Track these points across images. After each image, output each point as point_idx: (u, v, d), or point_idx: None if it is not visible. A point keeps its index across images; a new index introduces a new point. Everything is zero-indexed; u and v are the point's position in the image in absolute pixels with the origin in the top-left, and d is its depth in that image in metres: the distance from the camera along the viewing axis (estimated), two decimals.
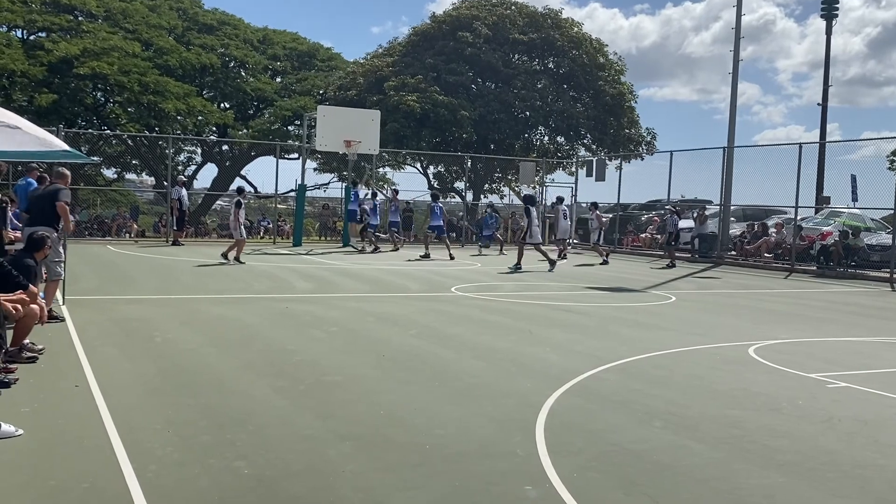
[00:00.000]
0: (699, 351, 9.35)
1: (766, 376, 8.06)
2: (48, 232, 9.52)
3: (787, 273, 21.94)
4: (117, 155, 39.58)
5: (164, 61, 33.98)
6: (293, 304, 12.05)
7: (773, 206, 26.19)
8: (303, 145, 28.41)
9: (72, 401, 6.21)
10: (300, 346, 8.81)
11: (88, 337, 8.71)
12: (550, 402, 6.63)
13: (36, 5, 32.00)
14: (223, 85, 37.65)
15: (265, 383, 7.01)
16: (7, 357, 7.20)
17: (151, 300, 12.17)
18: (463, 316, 11.54)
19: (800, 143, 22.74)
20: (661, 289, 16.59)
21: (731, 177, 24.63)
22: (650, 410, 6.52)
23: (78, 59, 30.36)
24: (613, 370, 8.04)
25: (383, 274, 17.52)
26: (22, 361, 7.24)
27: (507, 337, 9.82)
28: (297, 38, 41.97)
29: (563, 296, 14.61)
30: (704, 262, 24.36)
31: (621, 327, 10.98)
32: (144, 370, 7.35)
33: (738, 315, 12.88)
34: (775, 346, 9.84)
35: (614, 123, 36.38)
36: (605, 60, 37.29)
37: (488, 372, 7.81)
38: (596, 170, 30.29)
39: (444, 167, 38.37)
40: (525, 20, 36.60)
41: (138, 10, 35.69)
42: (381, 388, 7.02)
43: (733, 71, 24.92)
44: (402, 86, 33.61)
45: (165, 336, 9.05)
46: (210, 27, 38.48)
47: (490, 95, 35.39)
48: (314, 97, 37.66)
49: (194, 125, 35.87)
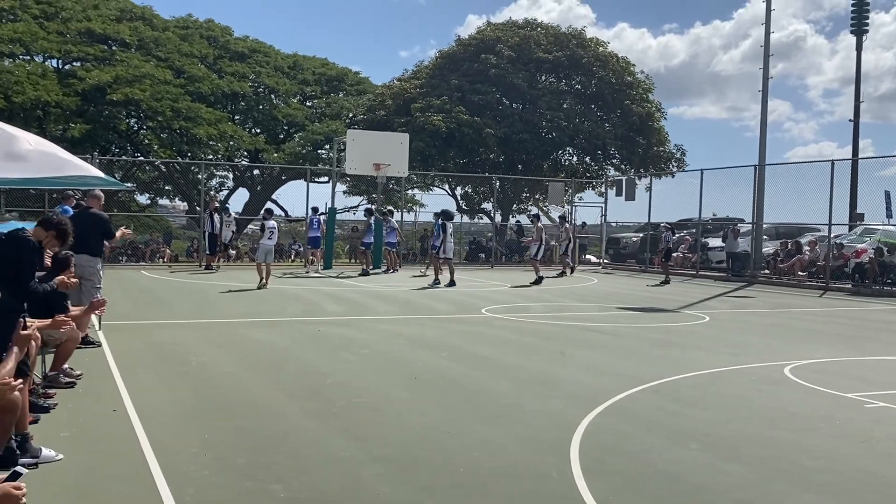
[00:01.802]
0: (734, 371, 9.26)
1: (802, 396, 7.97)
2: (93, 262, 9.78)
3: (821, 291, 21.67)
4: (150, 181, 40.16)
5: (196, 88, 34.50)
6: (325, 327, 12.12)
7: (806, 224, 25.92)
8: (333, 169, 28.64)
9: (110, 425, 6.29)
10: (333, 368, 8.86)
11: (125, 361, 8.82)
12: (584, 424, 6.60)
13: (71, 36, 32.64)
14: (254, 111, 38.16)
15: (299, 406, 7.06)
16: (47, 382, 7.33)
17: (186, 324, 12.30)
18: (494, 337, 11.53)
19: (832, 160, 22.53)
20: (694, 308, 16.46)
21: (762, 195, 24.43)
22: (686, 431, 6.47)
23: (111, 87, 30.92)
24: (648, 391, 7.99)
25: (413, 296, 17.56)
26: (61, 386, 7.35)
27: (538, 358, 9.79)
28: (327, 64, 42.47)
29: (594, 316, 14.55)
30: (738, 281, 24.14)
31: (654, 348, 10.91)
32: (180, 394, 7.43)
33: (773, 334, 12.74)
34: (811, 365, 9.72)
35: (643, 142, 36.25)
36: (633, 79, 37.22)
37: (520, 393, 7.79)
38: (626, 189, 30.18)
39: (472, 188, 38.47)
40: (550, 40, 36.70)
41: (170, 38, 36.31)
42: (414, 409, 7.03)
43: (763, 89, 24.80)
44: (428, 107, 33.82)
45: (200, 359, 9.14)
46: (241, 55, 39.05)
47: (515, 116, 35.47)
48: (343, 121, 38.03)
49: (226, 150, 36.33)
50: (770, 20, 24.70)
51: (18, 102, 28.51)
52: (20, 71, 29.85)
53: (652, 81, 38.29)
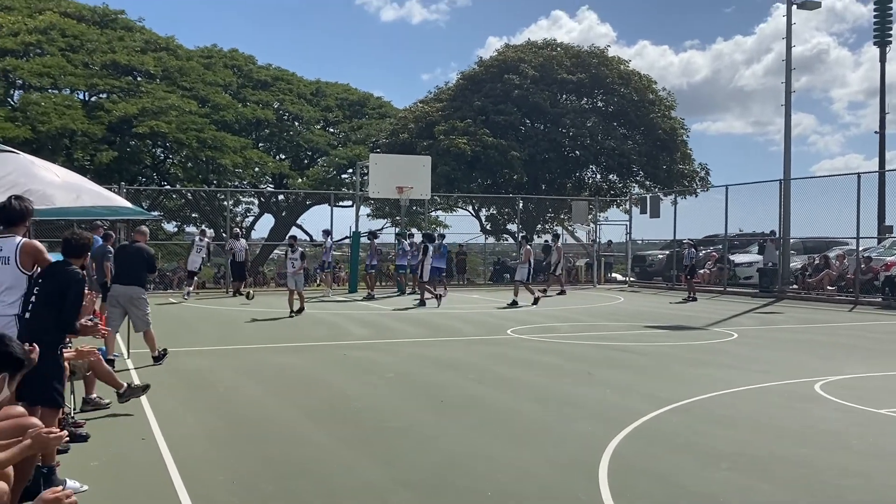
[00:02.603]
0: (764, 389, 9.15)
1: (833, 413, 7.85)
2: (141, 292, 10.51)
3: (851, 306, 21.39)
4: (177, 209, 40.61)
5: (221, 117, 34.93)
6: (351, 351, 12.13)
7: (834, 238, 25.64)
8: (356, 193, 28.81)
9: (139, 454, 6.33)
10: (359, 392, 8.86)
11: (153, 389, 8.87)
12: (613, 445, 6.54)
13: (96, 68, 33.18)
14: (278, 138, 38.54)
15: (326, 431, 7.06)
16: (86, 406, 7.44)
17: (213, 351, 12.37)
18: (520, 358, 11.48)
19: (858, 173, 22.31)
20: (722, 325, 16.31)
21: (788, 209, 24.22)
22: (716, 452, 6.39)
23: (136, 119, 31.38)
24: (676, 411, 7.91)
25: (438, 318, 17.55)
26: (101, 407, 7.51)
27: (565, 379, 9.74)
28: (349, 89, 42.87)
29: (621, 336, 14.45)
30: (766, 296, 23.90)
31: (683, 366, 10.81)
32: (208, 421, 7.46)
33: (803, 350, 12.59)
34: (842, 381, 9.58)
35: (667, 159, 36.15)
36: (655, 96, 37.19)
37: (548, 415, 7.75)
38: (650, 207, 30.04)
39: (496, 209, 38.52)
40: (571, 60, 36.79)
41: (194, 68, 36.82)
42: (441, 433, 7.01)
43: (786, 103, 24.65)
44: (452, 129, 33.96)
45: (227, 386, 9.19)
46: (264, 83, 39.52)
47: (539, 136, 35.52)
48: (366, 145, 38.30)
49: (251, 177, 36.68)
50: (791, 34, 24.61)
51: (45, 132, 28.98)
52: (47, 102, 30.37)
53: (674, 98, 38.31)
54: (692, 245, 24.10)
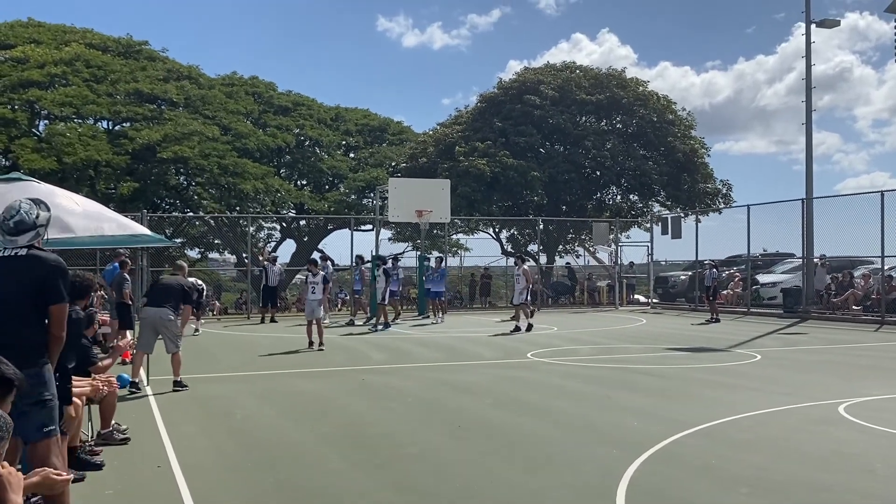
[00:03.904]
0: (786, 411, 9.01)
1: (858, 436, 7.72)
2: (168, 313, 10.74)
3: (877, 325, 21.09)
4: (200, 235, 40.94)
5: (243, 144, 35.28)
6: (369, 376, 12.11)
7: (858, 257, 25.35)
8: (376, 217, 28.91)
9: (154, 481, 6.33)
10: (376, 417, 8.83)
11: (171, 416, 8.90)
12: (631, 470, 6.46)
13: (120, 97, 33.66)
14: (299, 164, 38.83)
15: (342, 456, 7.04)
16: (101, 440, 7.41)
17: (232, 377, 12.39)
18: (539, 382, 11.41)
19: (881, 191, 22.05)
20: (745, 347, 16.13)
21: (811, 229, 24.00)
22: (736, 476, 6.29)
23: (160, 145, 31.75)
24: (697, 434, 7.81)
25: (458, 342, 17.50)
26: (115, 443, 7.44)
27: (584, 403, 9.66)
28: (369, 115, 43.17)
29: (641, 358, 14.33)
30: (790, 317, 23.63)
31: (704, 389, 10.69)
32: (224, 447, 7.46)
33: (827, 372, 12.42)
34: (867, 403, 9.42)
35: (688, 179, 36.00)
36: (674, 117, 37.13)
37: (566, 440, 7.67)
38: (671, 227, 29.87)
39: (517, 230, 38.48)
40: (590, 81, 36.83)
41: (216, 96, 37.27)
42: (458, 459, 6.96)
43: (807, 122, 24.51)
44: (472, 150, 34.05)
45: (245, 412, 9.19)
46: (285, 109, 39.90)
47: (559, 157, 35.51)
48: (386, 168, 38.47)
49: (273, 203, 36.95)
50: (810, 52, 24.49)
51: (70, 163, 29.37)
52: (72, 133, 30.81)
53: (694, 118, 38.21)
54: (713, 266, 23.89)
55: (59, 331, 4.90)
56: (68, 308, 5.02)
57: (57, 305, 4.87)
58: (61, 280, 4.89)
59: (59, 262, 4.97)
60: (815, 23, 24.42)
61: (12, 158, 29.72)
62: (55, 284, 4.85)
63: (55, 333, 4.90)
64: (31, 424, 4.82)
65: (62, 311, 4.90)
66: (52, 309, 4.87)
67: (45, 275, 4.85)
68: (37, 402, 4.81)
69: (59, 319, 4.89)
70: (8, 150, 30.33)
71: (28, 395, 4.77)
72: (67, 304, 4.97)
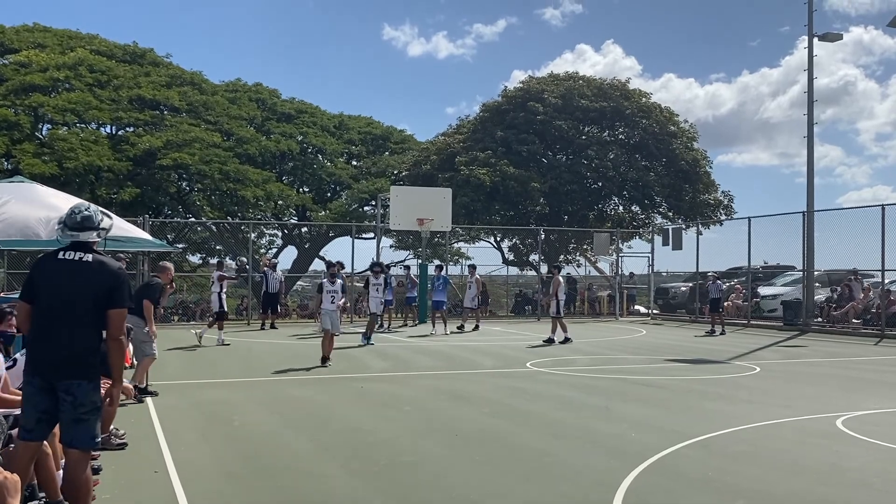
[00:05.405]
0: (785, 424, 9.00)
1: (855, 450, 7.71)
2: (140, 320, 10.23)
3: (877, 339, 21.07)
4: (201, 241, 40.93)
5: (245, 150, 35.28)
6: (368, 384, 12.11)
7: (859, 270, 25.33)
8: (378, 225, 28.93)
9: (151, 486, 6.33)
10: (374, 426, 8.82)
11: (169, 422, 8.90)
12: (628, 482, 6.45)
13: (123, 103, 33.70)
14: (301, 171, 38.85)
15: (339, 464, 7.03)
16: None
17: (231, 383, 12.39)
18: (538, 392, 11.40)
19: (882, 205, 22.07)
20: (744, 359, 16.12)
21: (812, 241, 23.99)
22: (733, 489, 6.29)
23: (161, 151, 31.77)
24: (695, 446, 7.80)
25: (458, 350, 17.49)
26: (112, 448, 7.43)
27: (583, 413, 9.65)
28: (372, 123, 43.19)
29: (641, 369, 14.32)
30: (790, 330, 23.61)
31: (703, 401, 10.68)
32: (222, 454, 7.45)
33: (826, 385, 12.40)
34: (865, 417, 9.41)
35: (689, 190, 36.02)
36: (676, 128, 37.17)
37: (564, 450, 7.67)
38: (672, 238, 29.86)
39: (518, 240, 38.49)
40: (593, 91, 36.89)
41: (219, 102, 37.30)
42: (455, 468, 6.95)
43: (808, 135, 24.51)
44: (473, 160, 34.08)
45: (243, 419, 9.18)
46: (288, 116, 39.93)
47: (561, 167, 35.55)
48: (388, 177, 38.50)
49: (274, 209, 36.93)
50: (813, 65, 24.53)
51: (71, 168, 29.39)
52: (74, 138, 30.84)
53: (696, 130, 38.24)
54: (717, 278, 23.79)
55: (119, 333, 4.98)
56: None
57: (117, 310, 4.96)
58: (126, 286, 5.02)
59: (123, 269, 5.11)
60: (817, 36, 24.47)
61: (14, 163, 29.75)
62: (121, 290, 4.97)
63: (115, 336, 4.97)
64: (87, 433, 4.91)
65: (122, 315, 5.00)
66: (112, 313, 4.95)
67: (112, 280, 4.95)
68: (92, 410, 4.91)
69: (118, 324, 4.97)
70: (10, 154, 30.36)
71: (84, 404, 4.83)
72: (127, 310, 5.07)
